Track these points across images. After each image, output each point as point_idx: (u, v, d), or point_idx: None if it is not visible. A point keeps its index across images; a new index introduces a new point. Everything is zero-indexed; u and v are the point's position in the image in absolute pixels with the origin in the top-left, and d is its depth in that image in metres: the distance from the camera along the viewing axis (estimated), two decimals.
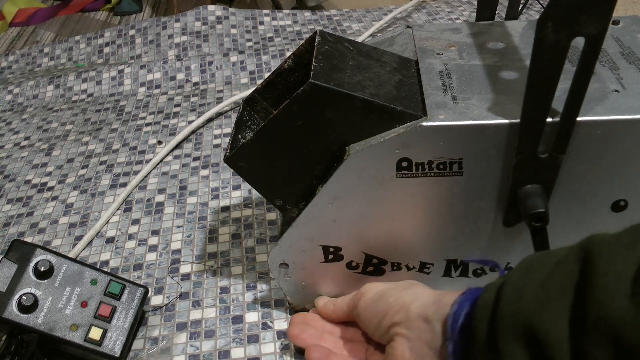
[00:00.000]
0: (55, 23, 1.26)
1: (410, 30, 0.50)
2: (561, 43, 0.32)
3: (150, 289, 0.55)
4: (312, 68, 0.40)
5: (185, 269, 0.57)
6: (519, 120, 0.37)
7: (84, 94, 0.91)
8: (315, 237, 0.45)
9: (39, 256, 0.47)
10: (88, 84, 0.92)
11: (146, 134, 0.79)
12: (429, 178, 0.41)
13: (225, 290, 0.55)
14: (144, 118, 0.83)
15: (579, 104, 0.36)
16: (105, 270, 0.52)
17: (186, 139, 0.77)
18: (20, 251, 0.47)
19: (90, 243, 0.62)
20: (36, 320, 0.45)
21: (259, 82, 0.61)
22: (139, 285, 0.51)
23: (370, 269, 0.47)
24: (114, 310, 0.48)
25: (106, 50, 1.03)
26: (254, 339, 0.50)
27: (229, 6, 1.07)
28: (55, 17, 1.28)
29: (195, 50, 0.98)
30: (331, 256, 0.46)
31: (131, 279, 0.53)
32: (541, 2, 0.84)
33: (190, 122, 0.80)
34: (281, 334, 0.50)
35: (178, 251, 0.60)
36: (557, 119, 0.37)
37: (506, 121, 0.38)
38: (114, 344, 0.47)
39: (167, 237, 0.62)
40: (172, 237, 0.61)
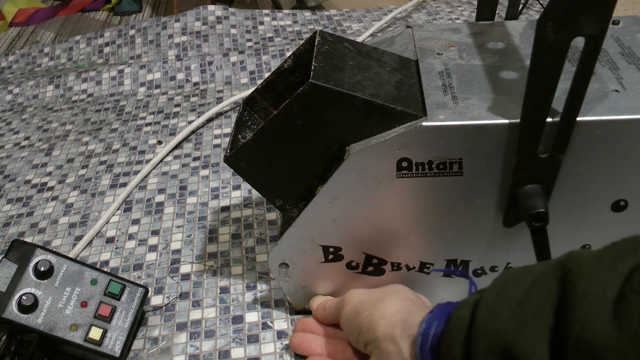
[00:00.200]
0: (55, 23, 1.26)
1: (410, 30, 0.50)
2: (561, 43, 0.32)
3: (150, 289, 0.55)
4: (312, 68, 0.40)
5: (185, 269, 0.57)
6: (519, 120, 0.37)
7: (84, 94, 0.91)
8: (315, 237, 0.45)
9: (39, 256, 0.47)
10: (88, 84, 0.92)
11: (146, 134, 0.79)
12: (429, 178, 0.41)
13: (225, 290, 0.55)
14: (144, 118, 0.83)
15: (579, 104, 0.36)
16: (105, 270, 0.52)
17: (186, 139, 0.77)
18: (20, 251, 0.47)
19: (90, 243, 0.62)
20: (36, 320, 0.45)
21: (259, 82, 0.61)
22: (139, 285, 0.51)
23: (370, 269, 0.47)
24: (114, 310, 0.48)
25: (106, 50, 1.03)
26: (254, 339, 0.50)
27: (229, 6, 1.07)
28: (55, 17, 1.28)
29: (195, 50, 0.98)
30: (331, 256, 0.46)
31: (131, 279, 0.53)
32: (541, 2, 0.84)
33: (190, 122, 0.80)
34: (281, 334, 0.50)
35: (178, 251, 0.60)
36: (557, 119, 0.37)
37: (506, 121, 0.38)
38: (114, 344, 0.47)
39: (167, 237, 0.62)
40: (172, 237, 0.61)
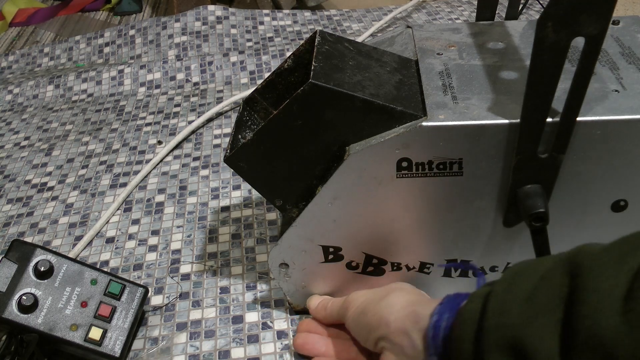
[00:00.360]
0: (55, 23, 1.26)
1: (410, 30, 0.50)
2: (561, 43, 0.32)
3: (150, 289, 0.55)
4: (312, 68, 0.40)
5: (185, 269, 0.57)
6: (519, 120, 0.37)
7: (84, 94, 0.91)
8: (315, 237, 0.45)
9: (39, 256, 0.47)
10: (88, 84, 0.92)
11: (146, 134, 0.79)
12: (429, 178, 0.41)
13: (225, 290, 0.55)
14: (144, 118, 0.83)
15: (579, 104, 0.36)
16: (105, 270, 0.52)
17: (186, 139, 0.77)
18: (20, 251, 0.47)
19: (90, 243, 0.62)
20: (36, 320, 0.45)
21: (259, 82, 0.61)
22: (139, 285, 0.51)
23: (370, 269, 0.47)
24: (114, 310, 0.48)
25: (106, 50, 1.03)
26: (254, 339, 0.50)
27: (229, 6, 1.07)
28: (55, 17, 1.28)
29: (195, 50, 0.98)
30: (331, 256, 0.46)
31: (131, 279, 0.53)
32: (541, 2, 0.84)
33: (190, 122, 0.80)
34: (281, 334, 0.50)
35: (178, 251, 0.60)
36: (557, 119, 0.37)
37: (506, 121, 0.38)
38: (114, 344, 0.47)
39: (167, 237, 0.62)
40: (172, 237, 0.61)
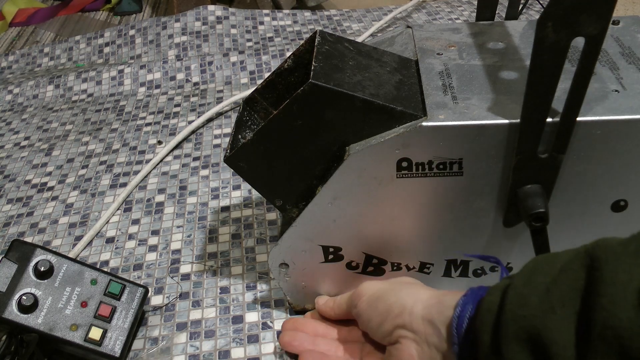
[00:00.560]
0: (55, 23, 1.26)
1: (410, 30, 0.50)
2: (561, 43, 0.32)
3: (150, 289, 0.55)
4: (312, 68, 0.40)
5: (185, 269, 0.57)
6: (519, 120, 0.37)
7: (84, 94, 0.91)
8: (315, 237, 0.45)
9: (39, 256, 0.47)
10: (88, 84, 0.92)
11: (146, 134, 0.79)
12: (429, 178, 0.41)
13: (225, 290, 0.55)
14: (144, 118, 0.83)
15: (579, 104, 0.36)
16: (105, 270, 0.52)
17: (186, 139, 0.77)
18: (20, 251, 0.47)
19: (90, 243, 0.62)
20: (36, 320, 0.45)
21: (259, 82, 0.61)
22: (139, 285, 0.51)
23: (370, 269, 0.47)
24: (114, 310, 0.48)
25: (106, 50, 1.03)
26: (254, 339, 0.50)
27: (229, 6, 1.07)
28: (55, 17, 1.28)
29: (195, 50, 0.98)
30: (331, 256, 0.46)
31: (131, 279, 0.53)
32: (541, 2, 0.84)
33: (190, 122, 0.80)
34: None
35: (178, 251, 0.60)
36: (557, 119, 0.37)
37: (506, 121, 0.38)
38: (114, 344, 0.47)
39: (167, 237, 0.62)
40: (172, 237, 0.61)
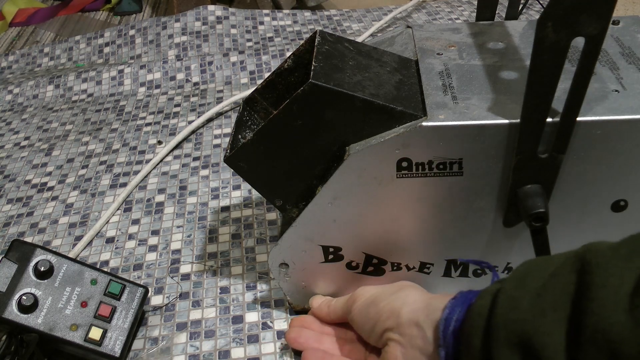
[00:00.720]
0: (55, 23, 1.26)
1: (410, 30, 0.50)
2: (561, 43, 0.32)
3: (150, 289, 0.55)
4: (312, 68, 0.40)
5: (185, 269, 0.57)
6: (519, 120, 0.37)
7: (84, 94, 0.91)
8: (315, 237, 0.45)
9: (39, 256, 0.47)
10: (88, 84, 0.92)
11: (146, 134, 0.79)
12: (429, 178, 0.41)
13: (225, 290, 0.55)
14: (144, 118, 0.83)
15: (579, 104, 0.36)
16: (105, 270, 0.52)
17: (186, 139, 0.77)
18: (20, 251, 0.47)
19: (90, 243, 0.62)
20: (36, 320, 0.45)
21: (259, 82, 0.61)
22: (139, 285, 0.51)
23: (370, 269, 0.47)
24: (114, 310, 0.48)
25: (106, 50, 1.03)
26: (254, 339, 0.50)
27: (229, 6, 1.07)
28: (55, 17, 1.28)
29: (195, 50, 0.98)
30: (331, 256, 0.46)
31: (131, 279, 0.53)
32: (541, 2, 0.84)
33: (190, 122, 0.80)
34: (281, 334, 0.50)
35: (178, 251, 0.60)
36: (557, 119, 0.37)
37: (506, 121, 0.38)
38: (114, 344, 0.47)
39: (167, 237, 0.62)
40: (172, 237, 0.61)
